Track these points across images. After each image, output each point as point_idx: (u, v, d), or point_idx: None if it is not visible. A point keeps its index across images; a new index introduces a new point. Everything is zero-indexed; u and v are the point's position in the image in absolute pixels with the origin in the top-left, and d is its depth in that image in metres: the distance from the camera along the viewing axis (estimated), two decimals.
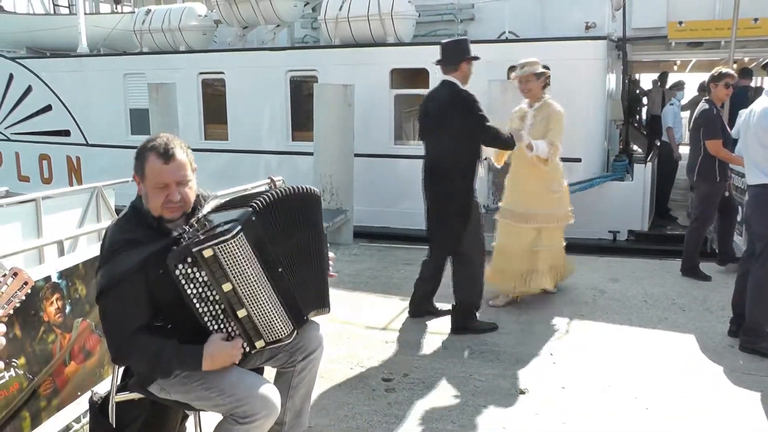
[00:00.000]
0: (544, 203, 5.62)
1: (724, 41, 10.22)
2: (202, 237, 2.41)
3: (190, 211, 2.62)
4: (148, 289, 2.48)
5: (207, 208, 2.66)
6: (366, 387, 4.20)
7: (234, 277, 2.43)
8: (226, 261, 2.40)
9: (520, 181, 5.70)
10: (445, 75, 5.09)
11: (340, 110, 9.08)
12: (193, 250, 2.39)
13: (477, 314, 5.16)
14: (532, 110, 5.60)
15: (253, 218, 2.52)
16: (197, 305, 2.47)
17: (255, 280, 2.48)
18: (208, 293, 2.46)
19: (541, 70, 5.52)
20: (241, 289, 2.45)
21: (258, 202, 2.56)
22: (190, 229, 2.51)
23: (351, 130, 9.24)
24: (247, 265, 2.45)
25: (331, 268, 2.86)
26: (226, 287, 2.43)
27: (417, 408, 3.91)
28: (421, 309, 5.45)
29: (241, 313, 2.48)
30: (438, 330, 5.19)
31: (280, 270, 2.58)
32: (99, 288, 2.50)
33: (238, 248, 2.42)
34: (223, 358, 2.50)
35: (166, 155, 2.52)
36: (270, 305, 2.52)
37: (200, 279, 2.44)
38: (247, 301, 2.47)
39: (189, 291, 2.44)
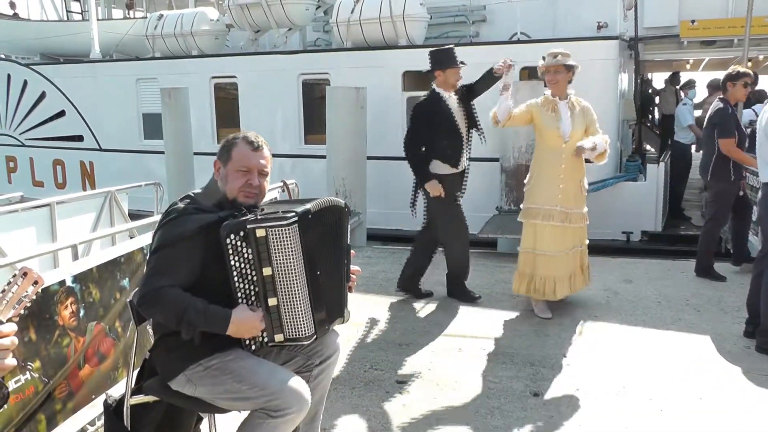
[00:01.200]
0: (580, 202, 5.44)
1: (737, 39, 10.14)
2: (259, 217, 2.51)
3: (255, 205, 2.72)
4: (203, 260, 2.54)
5: (268, 201, 2.79)
6: (380, 389, 4.19)
7: (276, 263, 2.49)
8: (274, 245, 2.48)
9: (560, 179, 5.29)
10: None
11: (352, 113, 9.09)
12: (248, 226, 2.48)
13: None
14: (565, 103, 5.37)
15: (310, 216, 2.59)
16: (236, 279, 2.53)
17: (294, 274, 2.51)
18: (249, 272, 2.52)
19: (572, 62, 5.35)
20: (279, 278, 2.51)
21: (316, 204, 2.66)
22: (251, 212, 2.61)
23: (363, 133, 9.25)
24: (291, 256, 2.50)
25: (353, 283, 2.95)
26: (266, 271, 2.49)
27: (431, 410, 3.91)
28: None
29: (272, 301, 2.52)
30: (452, 332, 5.19)
31: (318, 273, 2.62)
32: (156, 244, 2.57)
33: (288, 237, 2.48)
34: (248, 326, 2.52)
35: (256, 144, 2.73)
36: (300, 303, 2.55)
37: (246, 255, 2.50)
38: (281, 292, 2.52)
39: (233, 262, 2.51)
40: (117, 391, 3.31)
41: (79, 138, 14.11)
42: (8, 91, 14.78)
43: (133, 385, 2.76)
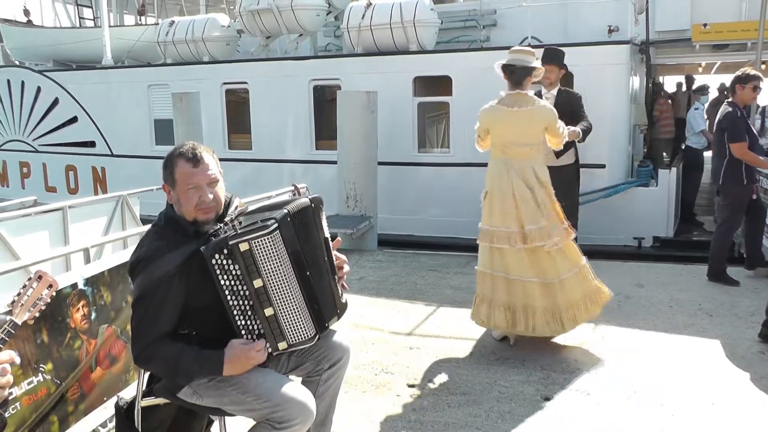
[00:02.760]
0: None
1: (750, 43, 10.08)
2: (239, 231, 2.48)
3: (221, 213, 2.67)
4: (186, 292, 2.52)
5: (237, 211, 2.72)
6: (391, 393, 4.19)
7: (266, 273, 2.48)
8: (260, 256, 2.46)
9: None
10: None
11: (363, 118, 9.11)
12: (230, 242, 2.45)
13: None
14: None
15: (289, 219, 2.57)
16: (229, 298, 2.51)
17: (285, 280, 2.51)
18: (240, 287, 2.50)
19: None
20: (271, 287, 2.49)
21: (291, 206, 2.62)
22: (226, 226, 2.59)
23: (374, 138, 9.27)
24: (279, 263, 2.49)
25: (344, 279, 2.91)
26: (257, 283, 2.48)
27: (441, 414, 3.90)
28: None
29: (268, 311, 2.51)
30: (463, 336, 5.17)
31: (308, 273, 2.61)
32: (137, 294, 2.53)
33: (272, 245, 2.47)
34: (244, 362, 2.51)
35: (195, 159, 2.60)
36: (297, 307, 2.54)
37: (234, 272, 2.48)
38: (276, 300, 2.50)
39: (222, 282, 2.48)
40: (128, 393, 3.31)
41: (92, 144, 14.19)
42: (22, 98, 14.90)
43: (144, 388, 2.77)
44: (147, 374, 2.81)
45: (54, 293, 2.00)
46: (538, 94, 5.77)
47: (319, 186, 9.45)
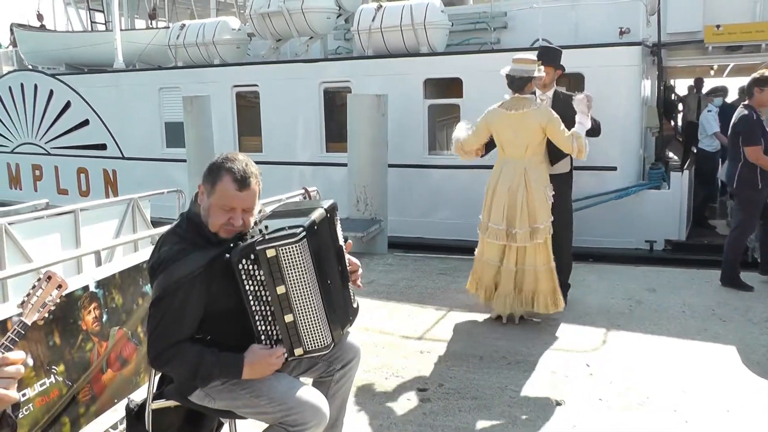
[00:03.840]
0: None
1: (765, 44, 10.00)
2: (266, 237, 2.47)
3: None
4: (207, 296, 2.49)
5: (260, 216, 2.72)
6: (401, 397, 4.17)
7: (289, 280, 2.48)
8: (285, 263, 2.46)
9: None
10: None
11: (373, 120, 9.10)
12: (257, 248, 2.45)
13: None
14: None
15: (315, 227, 2.57)
16: (252, 303, 2.51)
17: (307, 287, 2.50)
18: (263, 293, 2.50)
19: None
20: (293, 294, 2.49)
21: (316, 214, 2.61)
22: (254, 228, 2.58)
23: (385, 141, 9.26)
24: (303, 271, 2.49)
25: (359, 280, 2.92)
26: (280, 290, 2.48)
27: (452, 418, 3.88)
28: None
29: (288, 318, 2.51)
30: (474, 340, 5.15)
31: (329, 282, 2.61)
32: (156, 294, 2.50)
33: (298, 253, 2.47)
34: (263, 367, 2.51)
35: (243, 182, 2.51)
36: (316, 315, 2.54)
37: (258, 277, 2.48)
38: (296, 307, 2.51)
39: (247, 287, 2.48)
40: (139, 395, 3.32)
41: (103, 147, 14.27)
42: (35, 101, 15.01)
43: (154, 390, 2.77)
44: (158, 376, 2.80)
45: (63, 294, 1.99)
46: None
47: (329, 188, 9.46)
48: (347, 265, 2.83)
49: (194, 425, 2.83)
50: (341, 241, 2.80)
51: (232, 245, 2.54)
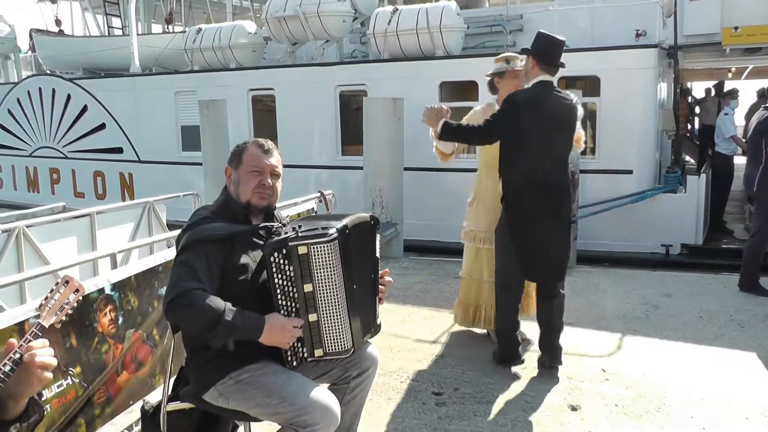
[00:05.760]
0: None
1: None
2: (300, 234, 2.52)
3: (271, 212, 2.81)
4: (226, 262, 2.57)
5: (288, 219, 2.85)
6: (416, 401, 4.16)
7: (317, 279, 2.51)
8: (315, 262, 2.50)
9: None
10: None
11: (389, 124, 9.10)
12: (290, 243, 2.50)
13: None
14: None
15: (347, 231, 2.61)
16: (279, 296, 2.54)
17: (334, 289, 2.53)
18: (291, 289, 2.54)
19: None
20: (319, 294, 2.53)
21: (350, 219, 2.68)
22: (286, 226, 2.68)
23: (400, 144, 9.26)
24: (331, 271, 2.52)
25: (384, 294, 2.95)
26: (307, 288, 2.52)
27: (467, 423, 3.86)
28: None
29: (312, 317, 2.54)
30: (489, 344, 5.12)
31: (355, 287, 2.64)
32: (181, 247, 2.59)
33: (329, 253, 2.51)
34: (281, 333, 2.51)
35: (266, 148, 2.78)
36: (339, 318, 2.57)
37: (288, 272, 2.52)
38: (321, 308, 2.54)
39: (276, 280, 2.53)
40: (154, 397, 3.33)
41: (119, 150, 14.38)
42: (53, 105, 15.16)
43: (169, 392, 2.78)
44: (173, 379, 2.81)
45: (81, 298, 2.00)
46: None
47: (345, 192, 9.49)
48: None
49: (209, 428, 2.84)
50: (378, 254, 2.86)
51: (260, 226, 2.69)
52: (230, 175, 2.78)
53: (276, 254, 2.51)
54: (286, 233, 2.57)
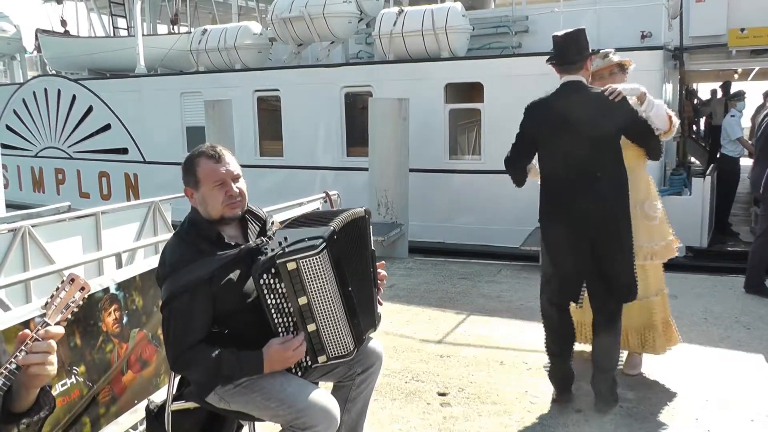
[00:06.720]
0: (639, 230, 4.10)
1: None
2: (286, 249, 2.46)
3: (243, 214, 2.70)
4: (214, 297, 2.53)
5: (276, 223, 2.77)
6: (421, 401, 4.15)
7: (311, 291, 2.48)
8: (306, 275, 2.46)
9: None
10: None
11: (394, 125, 9.11)
12: (278, 261, 2.45)
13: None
14: None
15: (335, 237, 2.57)
16: (274, 315, 2.52)
17: (329, 297, 2.51)
18: (285, 305, 2.51)
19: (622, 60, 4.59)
20: (315, 304, 2.50)
21: (337, 221, 2.62)
22: (270, 241, 2.60)
23: (406, 145, 9.26)
24: (324, 281, 2.49)
25: (381, 289, 2.93)
26: (302, 300, 2.48)
27: (472, 423, 3.85)
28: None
29: (311, 327, 2.52)
30: (493, 345, 5.12)
31: (350, 289, 2.62)
32: (165, 297, 2.54)
33: (319, 264, 2.47)
34: (282, 362, 2.51)
35: (216, 156, 2.63)
36: (338, 322, 2.56)
37: (280, 290, 2.49)
38: (319, 317, 2.52)
39: (269, 301, 2.49)
40: (159, 396, 3.32)
41: (124, 151, 14.41)
42: (58, 106, 15.20)
43: (174, 392, 2.78)
44: (178, 378, 2.81)
45: (86, 296, 2.01)
46: None
47: (351, 193, 9.48)
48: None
49: (214, 427, 2.83)
50: (372, 246, 2.84)
51: (243, 251, 2.59)
52: (192, 195, 2.66)
53: (265, 276, 2.46)
54: (272, 249, 2.51)
